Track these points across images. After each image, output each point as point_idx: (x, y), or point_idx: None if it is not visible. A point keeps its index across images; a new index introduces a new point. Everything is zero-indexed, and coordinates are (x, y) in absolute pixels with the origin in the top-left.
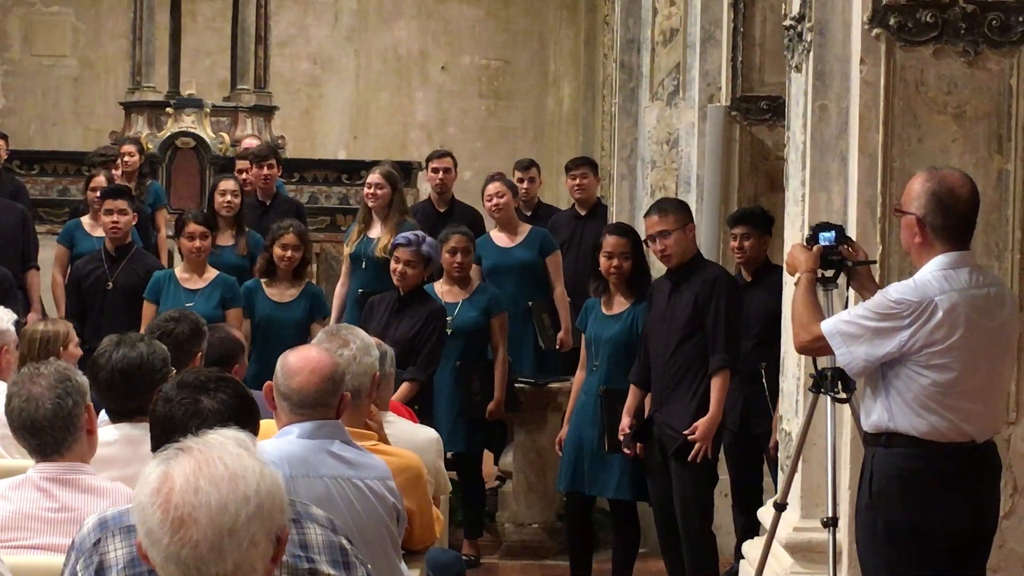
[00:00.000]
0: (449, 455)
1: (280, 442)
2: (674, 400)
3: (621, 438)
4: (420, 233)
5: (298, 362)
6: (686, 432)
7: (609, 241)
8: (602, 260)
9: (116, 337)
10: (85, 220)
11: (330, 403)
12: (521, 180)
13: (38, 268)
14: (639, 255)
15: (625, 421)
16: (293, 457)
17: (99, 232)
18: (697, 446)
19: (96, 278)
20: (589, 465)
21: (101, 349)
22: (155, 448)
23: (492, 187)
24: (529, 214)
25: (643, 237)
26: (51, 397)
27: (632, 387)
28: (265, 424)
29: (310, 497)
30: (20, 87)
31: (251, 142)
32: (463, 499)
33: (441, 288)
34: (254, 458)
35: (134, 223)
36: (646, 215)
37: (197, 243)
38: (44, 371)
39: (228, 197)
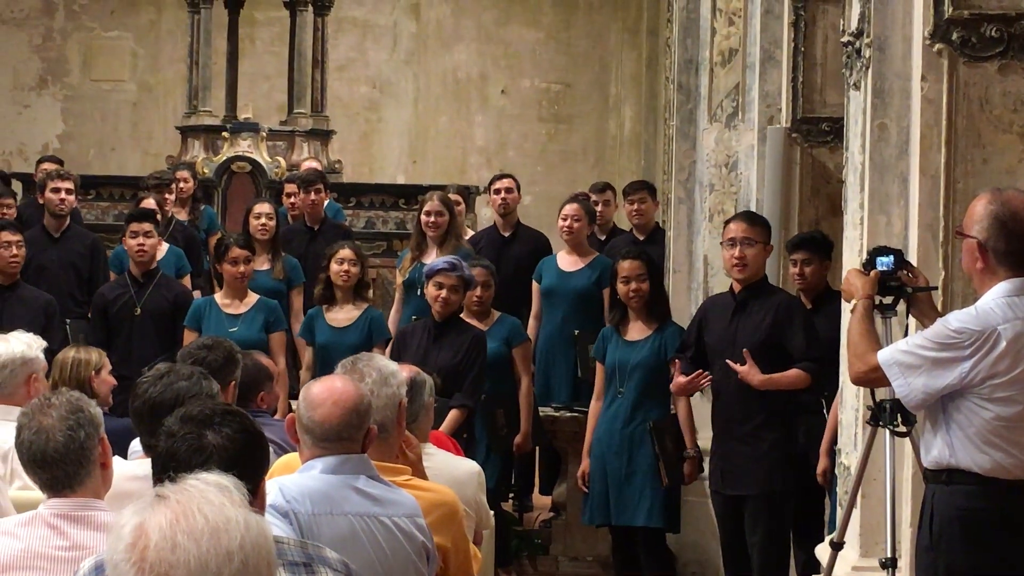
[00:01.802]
0: None
1: (302, 478)
2: (742, 445)
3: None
4: (459, 258)
5: (321, 393)
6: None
7: (623, 266)
8: (619, 286)
9: (165, 367)
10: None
11: (355, 436)
12: (596, 203)
13: None
14: (656, 278)
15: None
16: (315, 493)
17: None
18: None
19: (123, 304)
20: (617, 494)
21: (144, 378)
22: (156, 485)
23: (569, 208)
24: (603, 238)
25: (722, 239)
26: (62, 429)
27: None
28: (289, 458)
29: (333, 535)
30: (79, 112)
31: (310, 165)
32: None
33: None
34: (238, 507)
35: (160, 247)
36: (731, 220)
37: (241, 268)
38: (55, 401)
39: (263, 220)
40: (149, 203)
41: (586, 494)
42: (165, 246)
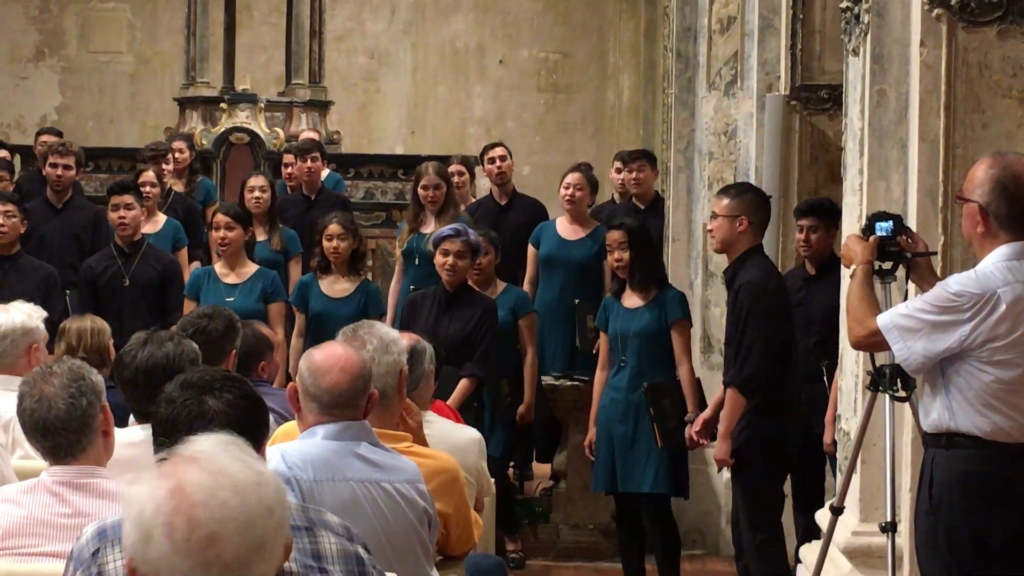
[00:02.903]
0: None
1: (303, 444)
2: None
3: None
4: (463, 224)
5: (326, 360)
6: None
7: (608, 236)
8: (608, 256)
9: (143, 335)
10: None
11: (360, 402)
12: (631, 170)
13: None
14: (645, 246)
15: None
16: (317, 460)
17: (148, 228)
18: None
19: (111, 276)
20: (622, 462)
21: (128, 347)
22: (157, 451)
23: (571, 177)
24: (643, 207)
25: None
26: (64, 397)
27: None
28: (289, 426)
29: (335, 502)
30: (77, 84)
31: (309, 135)
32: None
33: None
34: (263, 463)
35: (142, 218)
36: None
37: (222, 233)
38: (57, 370)
39: (256, 193)
40: (148, 175)
41: (593, 462)
42: (163, 218)
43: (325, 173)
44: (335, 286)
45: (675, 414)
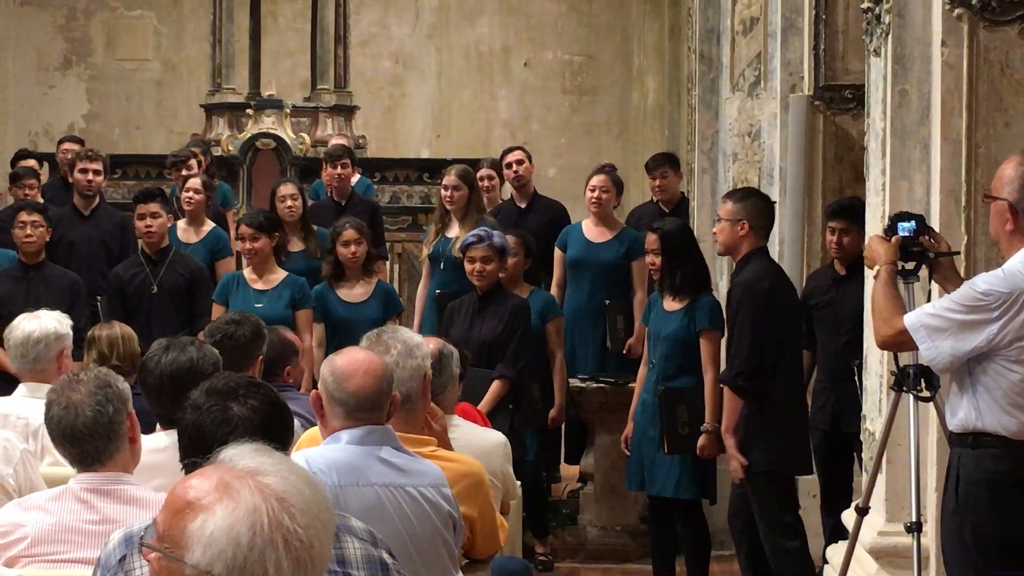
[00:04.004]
0: None
1: (328, 449)
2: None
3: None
4: (487, 228)
5: (349, 365)
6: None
7: (645, 239)
8: (645, 258)
9: (165, 341)
10: (180, 225)
11: (385, 405)
12: (655, 177)
13: None
14: (674, 251)
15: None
16: (342, 465)
17: (191, 237)
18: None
19: (139, 283)
20: (649, 464)
21: (150, 354)
22: (184, 458)
23: (597, 179)
24: (668, 211)
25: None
26: (91, 404)
27: None
28: (315, 431)
29: (360, 506)
30: (104, 92)
31: (337, 141)
32: (531, 501)
33: None
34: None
35: (169, 225)
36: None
37: (247, 244)
38: (84, 378)
39: (288, 202)
40: (194, 182)
41: (629, 460)
42: (208, 227)
43: (356, 179)
44: (353, 291)
45: (689, 421)
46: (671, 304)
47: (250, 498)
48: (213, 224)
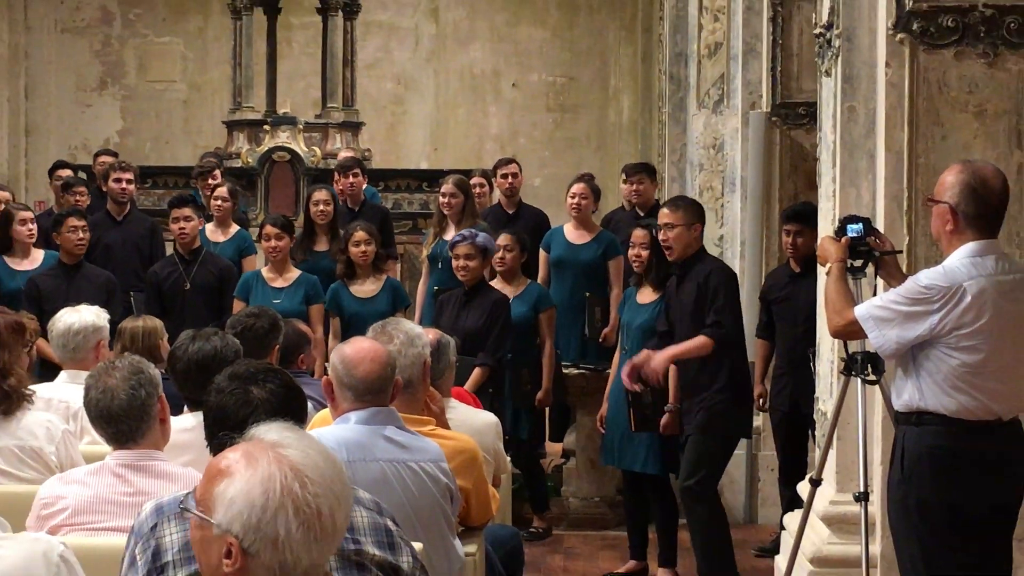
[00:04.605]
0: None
1: (338, 429)
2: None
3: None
4: (472, 230)
5: (356, 353)
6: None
7: (635, 233)
8: (630, 251)
9: (191, 332)
10: (209, 227)
11: (388, 389)
12: (630, 183)
13: None
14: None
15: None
16: (351, 443)
17: (220, 237)
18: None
19: (174, 280)
20: (619, 441)
21: (178, 343)
22: (209, 436)
23: (577, 187)
24: (643, 215)
25: None
26: (126, 388)
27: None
28: (326, 412)
29: (367, 479)
30: (136, 110)
31: (347, 154)
32: (526, 480)
33: (496, 286)
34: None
35: (200, 227)
36: (660, 207)
37: (273, 243)
38: (119, 364)
39: (321, 207)
40: (221, 191)
41: (604, 436)
42: (234, 228)
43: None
44: (363, 288)
45: (653, 402)
46: (644, 297)
47: (267, 467)
48: (238, 227)
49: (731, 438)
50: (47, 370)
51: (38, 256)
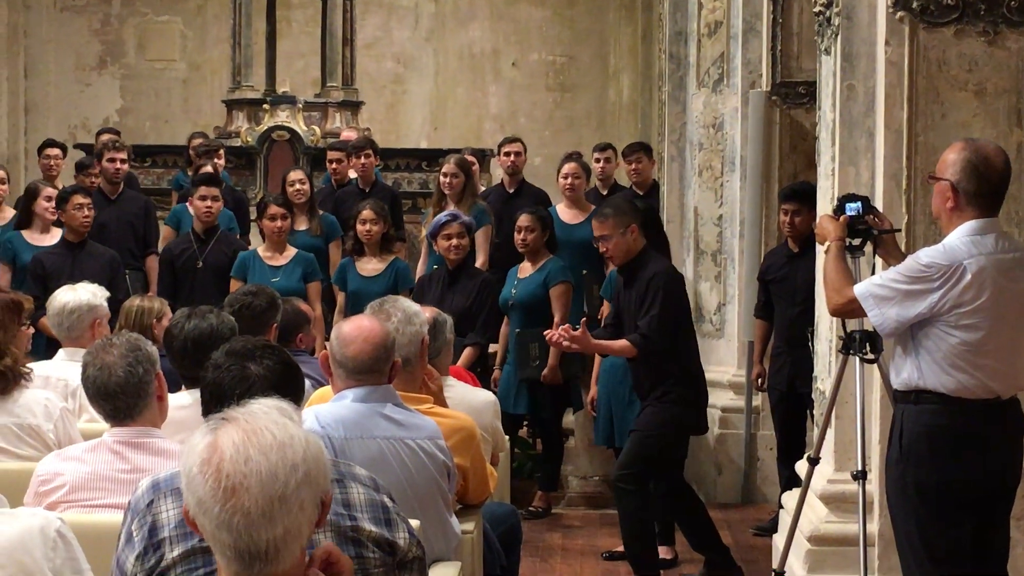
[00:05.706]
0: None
1: (335, 406)
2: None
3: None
4: (452, 211)
5: (352, 331)
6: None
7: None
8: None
9: (187, 310)
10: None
11: (383, 369)
12: (598, 160)
13: (158, 254)
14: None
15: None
16: (348, 420)
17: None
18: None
19: (187, 258)
20: (618, 420)
21: (174, 321)
22: (206, 412)
23: (568, 167)
24: (605, 192)
25: None
26: (123, 365)
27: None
28: (323, 390)
29: (364, 457)
30: (136, 89)
31: (349, 134)
32: (542, 455)
33: (523, 265)
34: (298, 426)
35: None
36: (591, 218)
37: (279, 223)
38: (116, 341)
39: (297, 186)
40: (208, 169)
41: (596, 418)
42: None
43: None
44: (368, 266)
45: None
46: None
47: (202, 437)
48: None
49: (674, 440)
50: (54, 348)
51: (57, 234)
